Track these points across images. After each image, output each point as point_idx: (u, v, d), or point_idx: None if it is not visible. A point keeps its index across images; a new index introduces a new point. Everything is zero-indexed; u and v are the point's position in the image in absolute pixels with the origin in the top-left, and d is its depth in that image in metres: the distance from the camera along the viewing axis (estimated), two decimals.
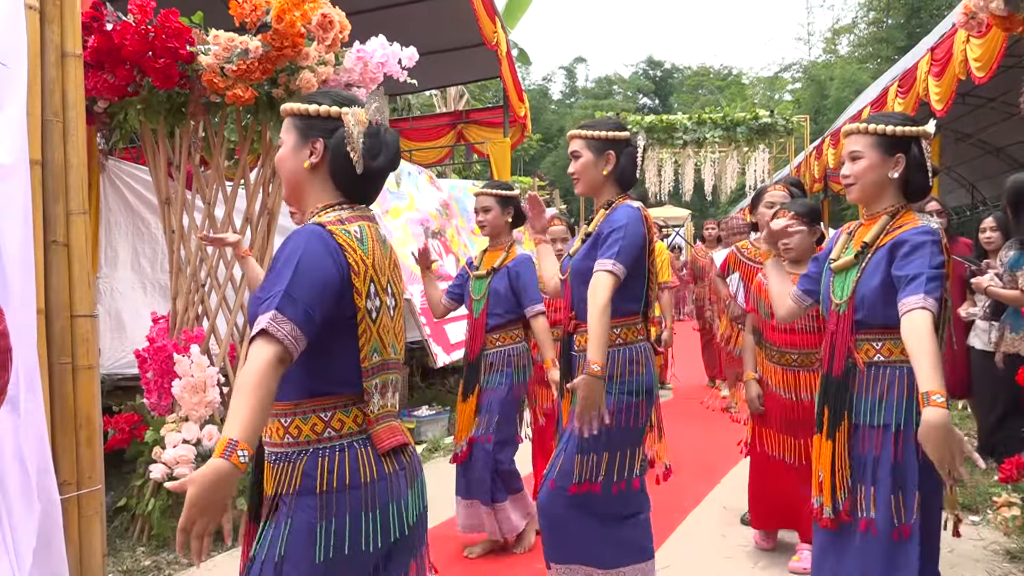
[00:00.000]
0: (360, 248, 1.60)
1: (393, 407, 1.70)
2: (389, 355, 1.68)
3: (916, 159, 2.21)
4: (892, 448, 2.14)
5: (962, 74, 5.29)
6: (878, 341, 2.21)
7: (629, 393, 2.58)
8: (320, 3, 3.80)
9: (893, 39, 26.36)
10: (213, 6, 4.46)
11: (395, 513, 1.62)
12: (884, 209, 2.26)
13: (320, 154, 1.66)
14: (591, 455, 2.55)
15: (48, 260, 2.69)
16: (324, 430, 1.59)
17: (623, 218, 2.55)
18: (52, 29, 2.72)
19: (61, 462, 2.69)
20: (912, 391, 2.10)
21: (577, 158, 2.69)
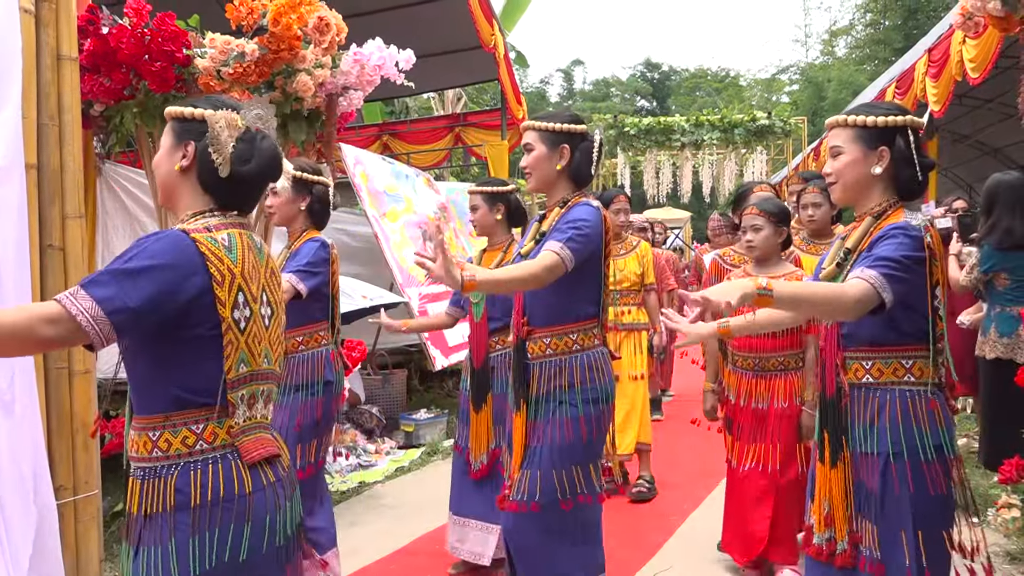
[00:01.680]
0: (227, 257, 1.57)
1: (264, 418, 1.67)
2: (259, 365, 1.64)
3: (901, 152, 1.98)
4: (883, 479, 1.94)
5: (958, 75, 5.30)
6: (867, 360, 2.00)
7: (593, 402, 2.47)
8: (317, 6, 3.79)
9: (890, 41, 26.40)
10: (209, 9, 4.46)
11: (275, 523, 1.61)
12: (870, 210, 2.04)
13: (191, 157, 1.63)
14: (551, 470, 2.42)
15: (44, 264, 2.68)
16: (196, 443, 1.55)
17: (583, 214, 2.44)
18: (48, 33, 2.71)
19: (57, 467, 2.68)
20: (907, 417, 1.93)
21: (530, 151, 2.54)
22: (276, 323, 1.72)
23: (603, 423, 2.50)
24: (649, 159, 15.22)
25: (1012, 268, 3.91)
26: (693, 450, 5.67)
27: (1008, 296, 3.96)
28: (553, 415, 2.45)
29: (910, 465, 1.90)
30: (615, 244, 4.64)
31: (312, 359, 3.03)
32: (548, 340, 2.51)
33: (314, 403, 2.97)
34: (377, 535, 4.10)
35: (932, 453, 1.90)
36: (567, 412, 2.44)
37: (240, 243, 1.62)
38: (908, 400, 1.94)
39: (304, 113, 4.00)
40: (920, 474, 1.90)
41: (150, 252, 1.48)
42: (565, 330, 2.49)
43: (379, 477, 5.15)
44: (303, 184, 3.05)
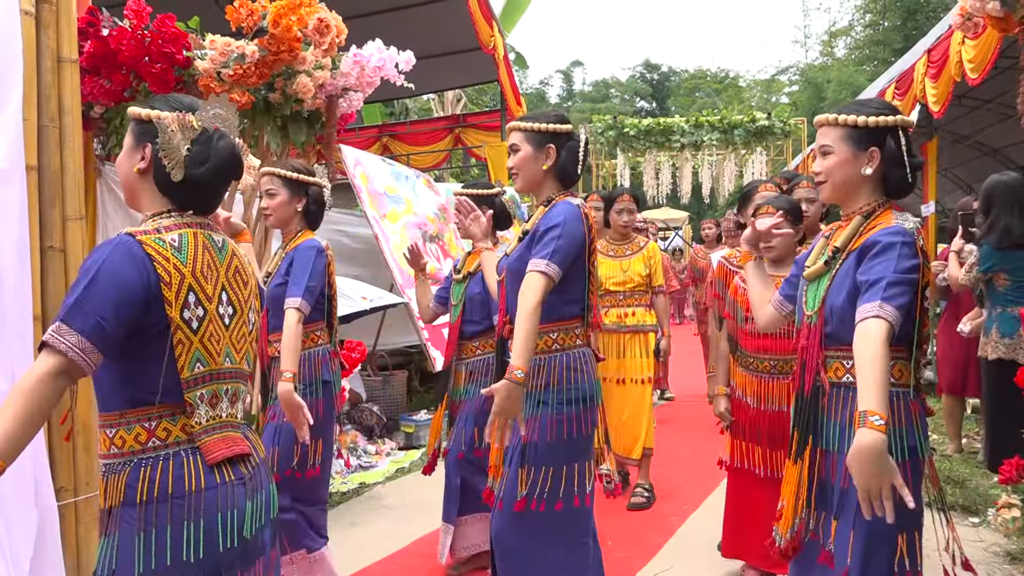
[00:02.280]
0: (176, 257, 1.57)
1: (232, 417, 1.67)
2: (220, 364, 1.64)
3: (892, 153, 1.95)
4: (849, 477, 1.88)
5: (957, 76, 5.30)
6: (848, 360, 1.94)
7: (569, 403, 2.42)
8: (317, 7, 3.80)
9: (890, 41, 26.40)
10: (209, 11, 4.46)
11: (229, 523, 1.59)
12: (859, 209, 2.00)
13: (148, 160, 1.63)
14: (531, 469, 2.39)
15: (44, 266, 2.68)
16: (148, 440, 1.56)
17: (560, 215, 2.40)
18: (48, 35, 2.72)
19: (58, 468, 2.68)
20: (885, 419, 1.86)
21: (516, 151, 2.51)
22: (240, 322, 1.71)
23: (584, 424, 2.44)
24: (649, 160, 15.23)
25: (1011, 268, 3.92)
26: (693, 451, 5.67)
27: (1008, 297, 3.97)
28: (531, 415, 2.40)
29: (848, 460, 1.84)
30: (621, 244, 4.64)
31: (309, 359, 3.02)
32: None
33: (313, 403, 2.97)
34: (378, 536, 4.10)
35: (906, 454, 1.87)
36: (545, 412, 2.40)
37: (193, 243, 1.62)
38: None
39: (304, 115, 4.01)
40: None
41: (103, 269, 1.50)
42: (545, 329, 2.43)
43: (379, 478, 5.16)
44: (298, 185, 3.05)
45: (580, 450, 2.45)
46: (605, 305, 4.55)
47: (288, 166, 3.08)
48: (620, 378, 4.54)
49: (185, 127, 1.62)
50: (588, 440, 2.47)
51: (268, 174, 3.07)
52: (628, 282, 4.57)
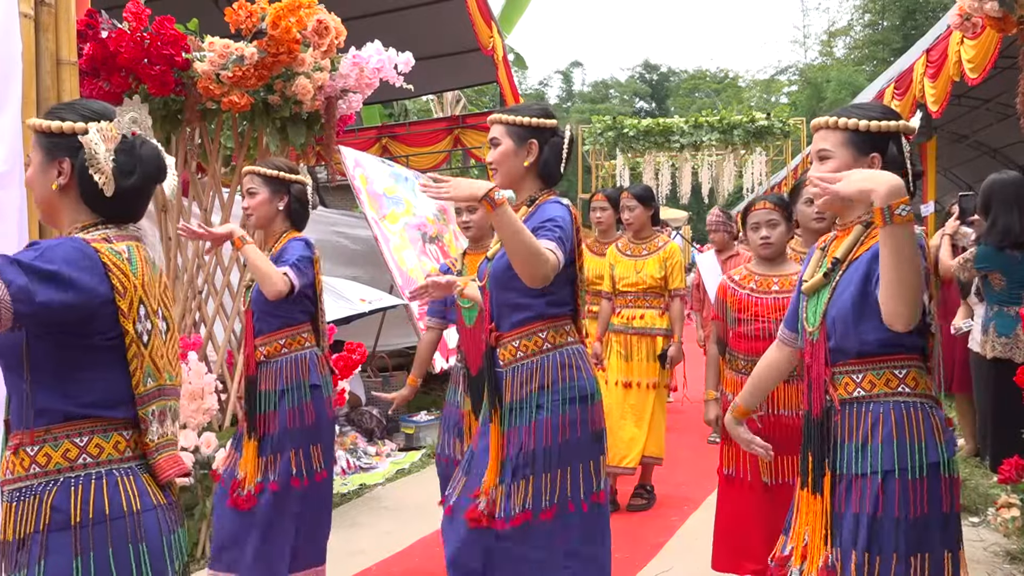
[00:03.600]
0: (129, 269, 1.50)
1: (173, 435, 1.61)
2: (164, 381, 1.57)
3: (894, 159, 1.84)
4: (876, 501, 1.77)
5: (956, 75, 5.30)
6: (857, 373, 1.84)
7: (566, 402, 2.28)
8: (316, 9, 3.80)
9: (889, 41, 26.43)
10: (208, 13, 4.47)
11: (173, 547, 1.53)
12: (859, 217, 1.88)
13: (67, 175, 1.52)
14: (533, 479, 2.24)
15: None
16: (78, 456, 1.45)
17: (555, 211, 2.29)
18: (47, 37, 2.72)
19: None
20: (902, 432, 1.78)
21: (496, 146, 2.36)
22: (172, 339, 1.65)
23: (588, 421, 2.31)
24: (648, 160, 15.24)
25: (1006, 269, 3.92)
26: (694, 450, 5.67)
27: (1004, 296, 3.97)
28: (528, 422, 2.28)
29: (899, 484, 1.75)
30: (639, 244, 4.48)
31: (296, 362, 2.95)
32: (518, 343, 2.34)
33: (303, 407, 2.91)
34: (378, 537, 4.10)
35: (925, 471, 1.75)
36: (541, 416, 2.27)
37: (139, 256, 1.56)
38: (904, 413, 1.80)
39: (303, 116, 4.01)
40: (912, 493, 1.75)
41: (60, 257, 1.41)
42: (533, 329, 2.32)
43: (380, 479, 5.15)
44: (280, 183, 2.96)
45: (586, 450, 2.31)
46: (616, 305, 4.48)
47: (270, 164, 3.00)
48: (627, 381, 4.42)
49: (108, 138, 1.53)
50: (595, 438, 2.34)
51: (249, 172, 3.00)
52: (640, 283, 4.38)
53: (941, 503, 1.77)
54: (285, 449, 2.89)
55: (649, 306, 4.41)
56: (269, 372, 2.94)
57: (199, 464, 3.76)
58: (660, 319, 4.40)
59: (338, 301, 5.53)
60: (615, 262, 4.52)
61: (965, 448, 5.34)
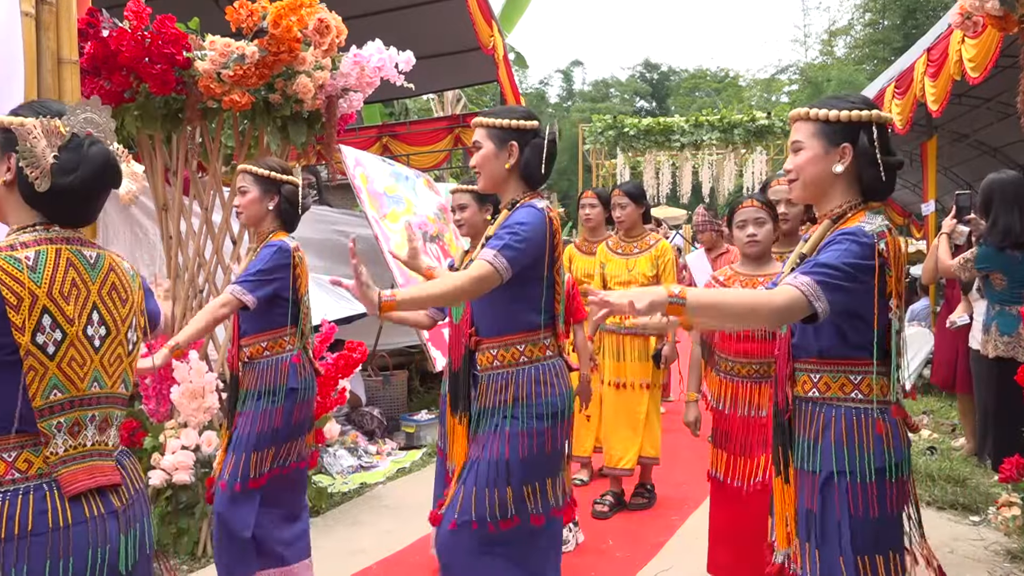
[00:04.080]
0: (28, 277, 1.45)
1: (101, 444, 1.56)
2: (84, 390, 1.52)
3: (865, 150, 1.83)
4: (823, 499, 1.83)
5: (957, 74, 5.30)
6: (815, 373, 1.87)
7: (538, 418, 2.29)
8: (317, 8, 3.80)
9: (889, 40, 26.44)
10: (209, 12, 4.47)
11: (100, 560, 1.50)
12: (830, 211, 1.90)
13: (13, 171, 1.52)
14: (496, 489, 2.25)
15: None
16: (7, 472, 1.44)
17: (521, 217, 2.28)
18: (48, 36, 2.73)
19: None
20: (851, 437, 1.80)
21: (478, 149, 2.39)
22: (114, 343, 1.59)
23: (551, 439, 2.31)
24: (648, 160, 15.25)
25: (1007, 269, 3.93)
26: (693, 450, 5.67)
27: (1006, 296, 3.97)
28: (496, 430, 2.29)
29: (850, 486, 1.79)
30: (630, 242, 4.42)
31: (275, 365, 2.95)
32: (495, 351, 2.36)
33: (274, 411, 2.91)
34: (379, 536, 4.10)
35: (873, 476, 1.79)
36: (510, 427, 2.28)
37: (53, 260, 1.50)
38: (853, 419, 1.81)
39: (304, 115, 4.01)
40: (859, 496, 1.79)
41: None
42: (511, 340, 2.33)
43: (380, 478, 5.16)
44: (271, 183, 2.97)
45: (546, 467, 2.32)
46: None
47: (262, 163, 3.00)
48: (619, 382, 4.39)
49: (51, 134, 1.50)
50: (555, 456, 2.35)
51: (241, 171, 3.01)
52: (632, 282, 4.34)
53: (886, 505, 1.80)
54: (249, 450, 2.90)
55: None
56: (251, 373, 2.97)
57: (200, 463, 3.77)
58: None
59: (339, 301, 5.53)
60: (606, 260, 4.47)
61: (966, 448, 5.34)
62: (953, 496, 4.45)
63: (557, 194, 19.44)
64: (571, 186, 27.31)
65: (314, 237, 6.61)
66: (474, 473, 2.28)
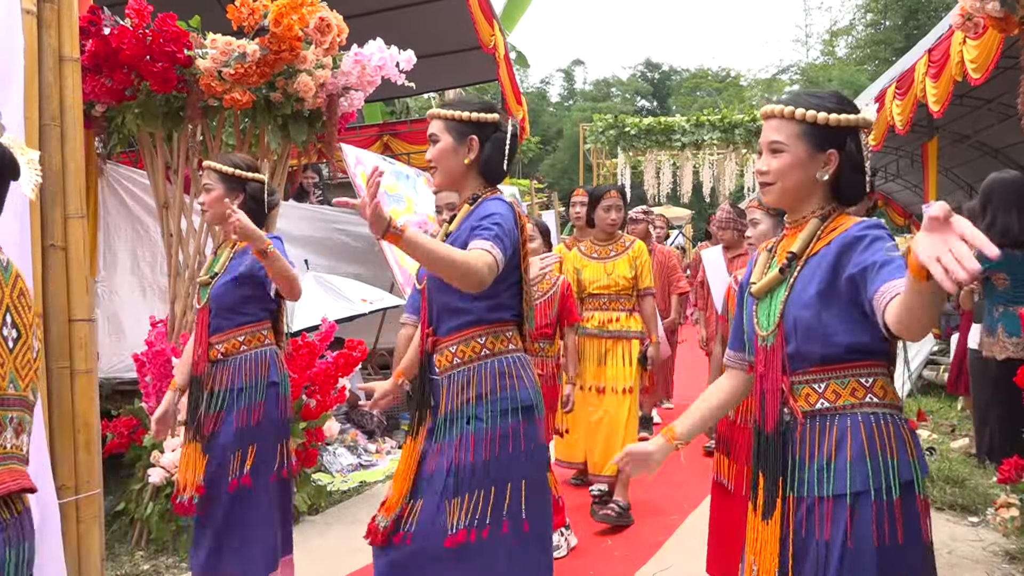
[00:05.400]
0: None
1: (16, 448, 1.53)
2: (3, 390, 1.49)
3: (851, 157, 1.68)
4: (844, 527, 1.57)
5: (958, 75, 5.30)
6: (820, 382, 1.66)
7: (504, 414, 2.13)
8: (318, 7, 3.80)
9: (891, 41, 26.41)
10: (211, 10, 4.47)
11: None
12: (813, 212, 1.74)
13: None
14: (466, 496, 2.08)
15: (46, 264, 2.69)
16: None
17: (494, 208, 2.16)
18: (50, 34, 2.73)
19: (59, 466, 2.69)
20: (873, 448, 1.59)
21: (435, 143, 2.25)
22: (24, 347, 1.56)
23: (523, 437, 2.15)
24: (649, 159, 15.26)
25: (1009, 268, 3.92)
26: (692, 448, 5.68)
27: (1009, 296, 3.97)
28: (461, 434, 2.13)
29: (875, 509, 1.56)
30: (605, 245, 4.33)
31: (255, 359, 2.89)
32: (455, 348, 2.19)
33: (255, 405, 2.85)
34: None
35: (899, 490, 1.57)
36: (475, 429, 2.11)
37: None
38: (873, 425, 1.61)
39: (305, 114, 4.01)
40: (885, 519, 1.56)
41: None
42: (472, 334, 2.18)
43: (380, 477, 5.16)
44: (236, 181, 2.87)
45: (524, 466, 2.15)
46: (588, 309, 4.29)
47: (227, 160, 2.92)
48: (600, 387, 4.26)
49: None
50: (533, 453, 2.18)
51: (206, 168, 2.94)
52: (613, 285, 4.26)
53: (920, 530, 1.59)
54: (233, 449, 2.83)
55: (622, 308, 4.29)
56: (224, 371, 2.88)
57: None
58: (633, 321, 4.29)
59: (339, 300, 5.53)
60: (581, 267, 4.34)
61: (967, 447, 5.35)
62: (952, 497, 4.45)
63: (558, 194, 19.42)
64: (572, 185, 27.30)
65: (315, 235, 6.62)
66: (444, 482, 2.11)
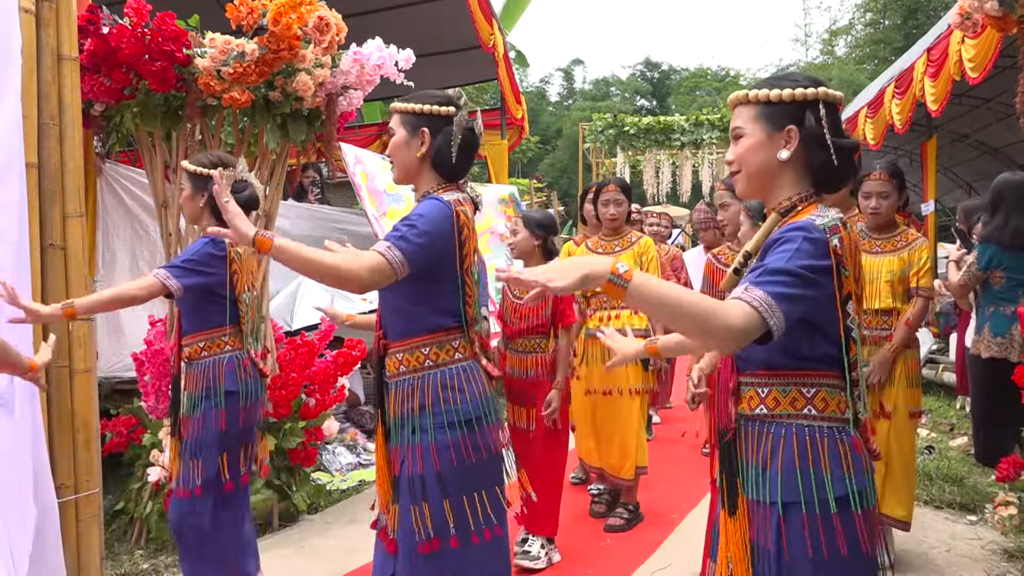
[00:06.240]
0: None
1: None
2: None
3: (812, 132, 1.59)
4: (777, 537, 1.55)
5: (957, 75, 5.30)
6: (764, 386, 1.62)
7: (448, 427, 2.11)
8: (317, 6, 3.80)
9: (890, 40, 26.45)
10: (210, 9, 4.46)
11: None
12: (787, 199, 1.64)
13: None
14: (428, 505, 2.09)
15: (45, 263, 2.69)
16: None
17: (422, 208, 2.12)
18: (48, 32, 2.72)
19: (59, 465, 2.69)
20: (804, 460, 1.55)
21: (391, 136, 2.24)
22: None
23: (468, 450, 2.12)
24: (649, 158, 15.26)
25: (1008, 266, 3.93)
26: (692, 447, 5.68)
27: (1002, 295, 3.98)
28: (407, 443, 2.14)
29: (807, 520, 1.52)
30: (611, 240, 4.21)
31: (213, 367, 2.84)
32: (401, 356, 2.19)
33: (216, 415, 2.80)
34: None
35: (834, 505, 1.53)
36: (421, 441, 2.12)
37: None
38: (806, 438, 1.56)
39: (304, 113, 4.01)
40: (820, 532, 1.52)
41: None
42: (416, 343, 2.16)
43: None
44: (201, 180, 2.85)
45: (471, 480, 2.12)
46: (593, 307, 4.19)
47: (195, 159, 2.91)
48: (606, 389, 4.14)
49: None
50: (485, 466, 2.15)
51: (181, 168, 2.93)
52: None
53: (859, 544, 1.54)
54: (191, 455, 2.81)
55: (623, 306, 4.05)
56: (191, 375, 2.86)
57: None
58: (637, 319, 4.11)
59: (338, 300, 5.53)
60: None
61: (965, 446, 5.36)
62: (951, 495, 4.46)
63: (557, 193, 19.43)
64: (571, 184, 27.30)
65: (314, 234, 6.61)
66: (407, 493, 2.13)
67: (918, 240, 3.57)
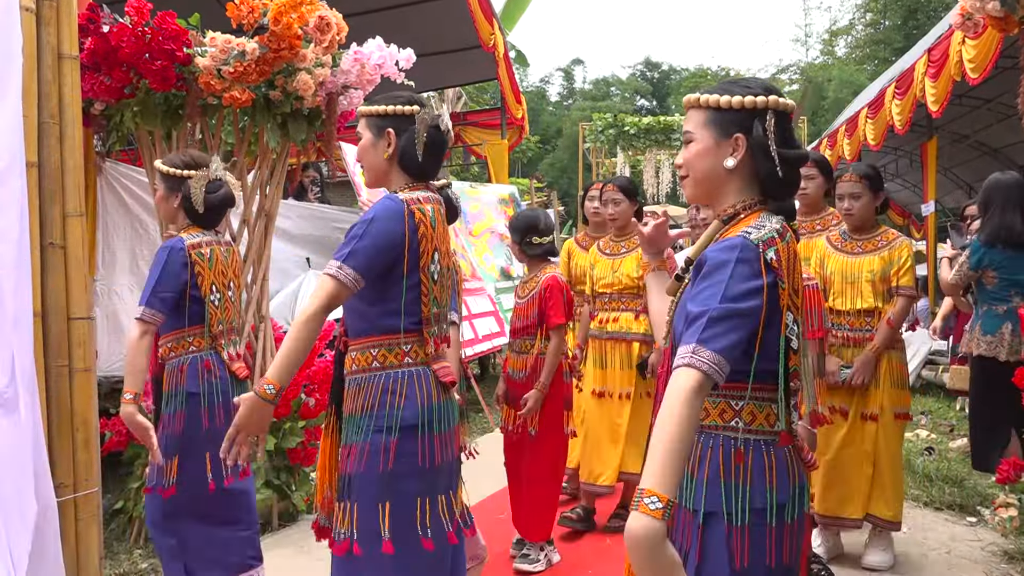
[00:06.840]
0: None
1: None
2: None
3: (758, 141, 1.56)
4: (697, 544, 1.54)
5: (957, 75, 5.31)
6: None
7: (380, 431, 2.10)
8: (317, 5, 3.80)
9: (890, 41, 26.44)
10: (210, 8, 4.46)
11: None
12: (732, 206, 1.61)
13: None
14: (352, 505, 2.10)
15: (44, 262, 2.68)
16: None
17: (369, 214, 2.09)
18: (48, 31, 2.72)
19: (58, 465, 2.68)
20: (728, 473, 1.53)
21: (359, 140, 2.25)
22: None
23: (400, 456, 2.09)
24: (649, 158, 15.26)
25: (999, 266, 3.94)
26: None
27: (994, 294, 3.99)
28: (348, 442, 2.17)
29: (727, 530, 1.52)
30: (618, 241, 4.13)
31: (176, 367, 2.84)
32: (355, 354, 2.20)
33: (174, 417, 2.80)
34: None
35: (747, 517, 1.52)
36: (358, 440, 2.13)
37: None
38: (732, 451, 1.55)
39: (304, 112, 4.01)
40: (738, 543, 1.52)
41: None
42: (367, 344, 2.17)
43: None
44: (174, 180, 2.86)
45: (397, 487, 2.10)
46: (596, 308, 4.14)
47: (168, 159, 2.91)
48: (600, 391, 4.06)
49: None
50: (422, 475, 2.13)
51: (155, 168, 2.93)
52: (616, 283, 4.02)
53: (766, 555, 1.52)
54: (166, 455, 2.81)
55: (625, 308, 4.03)
56: (165, 375, 2.88)
57: None
58: (636, 323, 3.99)
59: None
60: (595, 262, 4.17)
61: (965, 448, 5.36)
62: (950, 496, 4.46)
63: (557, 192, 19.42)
64: (571, 184, 27.30)
65: (315, 233, 6.61)
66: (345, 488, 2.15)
67: (898, 240, 3.57)
